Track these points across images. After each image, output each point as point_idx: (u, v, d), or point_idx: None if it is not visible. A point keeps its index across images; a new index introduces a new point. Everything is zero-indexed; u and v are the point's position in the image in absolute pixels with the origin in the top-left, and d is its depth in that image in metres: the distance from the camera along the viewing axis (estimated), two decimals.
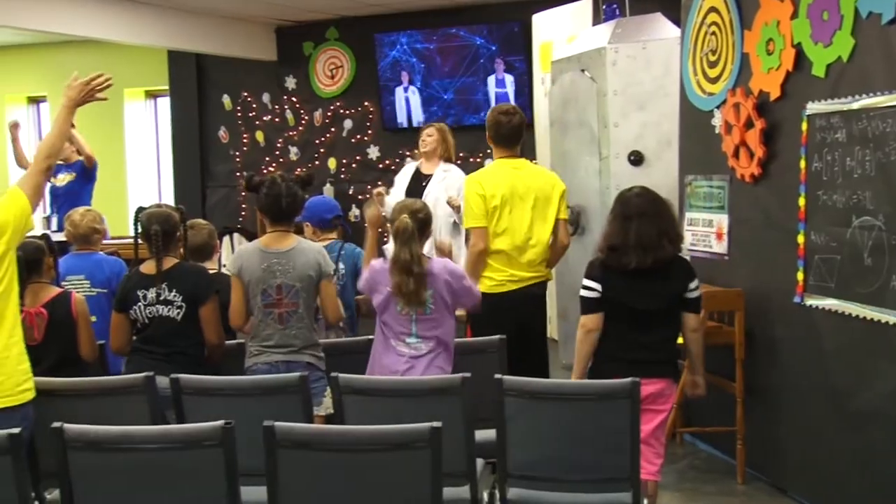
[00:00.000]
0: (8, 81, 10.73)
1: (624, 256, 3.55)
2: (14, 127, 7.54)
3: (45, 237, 4.03)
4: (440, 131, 5.94)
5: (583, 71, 6.17)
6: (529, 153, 6.89)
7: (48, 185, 7.44)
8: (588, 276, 3.67)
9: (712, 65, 4.87)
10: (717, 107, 4.81)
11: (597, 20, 6.76)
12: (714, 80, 4.85)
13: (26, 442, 2.79)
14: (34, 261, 3.82)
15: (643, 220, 3.56)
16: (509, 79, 8.45)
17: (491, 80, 8.55)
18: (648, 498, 3.48)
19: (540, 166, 4.71)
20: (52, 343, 3.78)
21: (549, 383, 3.33)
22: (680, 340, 3.80)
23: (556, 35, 7.39)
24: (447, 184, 5.74)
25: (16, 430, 2.62)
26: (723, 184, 4.81)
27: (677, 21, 5.52)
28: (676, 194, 5.15)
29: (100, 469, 2.64)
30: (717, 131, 4.82)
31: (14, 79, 10.72)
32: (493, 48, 8.46)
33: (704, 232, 4.98)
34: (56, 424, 2.63)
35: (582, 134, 6.22)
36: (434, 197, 5.62)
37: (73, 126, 7.31)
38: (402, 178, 6.02)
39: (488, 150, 4.54)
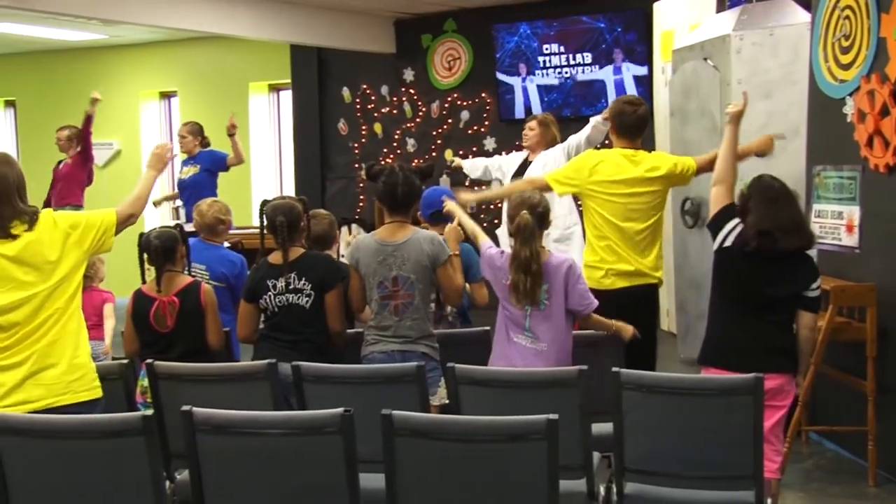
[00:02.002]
0: (142, 77, 11.20)
1: (776, 242, 3.45)
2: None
3: (178, 227, 4.19)
4: (541, 124, 6.06)
5: (706, 59, 6.03)
6: (648, 143, 6.77)
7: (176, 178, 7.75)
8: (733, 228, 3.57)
9: (845, 50, 4.67)
10: (850, 94, 4.61)
11: (721, 7, 6.57)
12: (847, 67, 4.65)
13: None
14: (169, 249, 3.97)
15: (790, 201, 3.51)
16: (629, 68, 8.30)
17: (609, 69, 8.42)
18: (771, 497, 3.38)
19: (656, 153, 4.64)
20: (182, 331, 3.92)
21: (668, 377, 3.26)
22: None
23: (678, 23, 7.23)
24: (545, 161, 5.85)
25: (149, 412, 2.74)
26: (854, 174, 4.61)
27: (807, 5, 5.32)
28: (803, 185, 4.98)
29: (225, 452, 2.73)
30: (848, 120, 4.62)
31: (147, 75, 11.18)
32: (615, 37, 8.33)
33: (833, 224, 4.79)
34: (185, 408, 2.73)
35: (703, 124, 6.08)
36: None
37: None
38: (511, 166, 6.20)
39: (607, 142, 4.49)
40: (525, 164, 6.06)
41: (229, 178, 7.99)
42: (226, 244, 5.33)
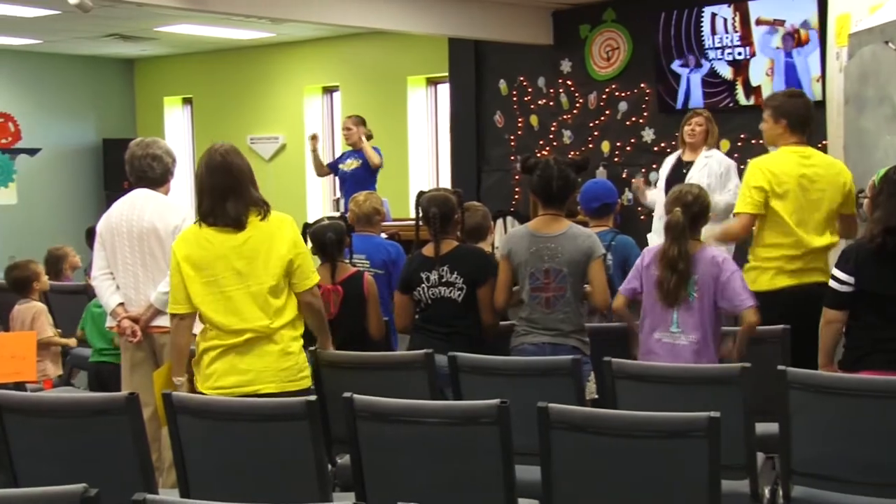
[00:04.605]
0: (306, 73, 11.59)
1: None
2: (313, 139, 8.06)
3: (343, 218, 4.32)
4: (709, 120, 5.82)
5: (887, 42, 5.69)
6: (819, 132, 6.46)
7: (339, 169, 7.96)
8: (840, 267, 3.38)
9: None
10: None
11: None
12: None
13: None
14: (340, 241, 4.11)
15: None
16: (800, 53, 7.93)
17: (780, 56, 8.07)
18: None
19: (828, 156, 4.47)
20: (344, 318, 4.03)
21: (839, 377, 3.11)
22: None
23: (856, 6, 6.86)
24: (709, 169, 5.59)
25: (312, 398, 2.83)
26: None
27: None
28: None
29: (384, 438, 2.79)
30: None
31: (311, 70, 11.57)
32: (786, 22, 7.98)
33: None
34: (346, 394, 2.80)
35: (882, 111, 5.74)
36: (696, 183, 5.50)
37: (367, 136, 7.67)
38: (664, 171, 5.98)
39: (760, 141, 4.34)
40: (679, 165, 5.78)
41: (387, 171, 8.17)
42: (383, 235, 5.44)
